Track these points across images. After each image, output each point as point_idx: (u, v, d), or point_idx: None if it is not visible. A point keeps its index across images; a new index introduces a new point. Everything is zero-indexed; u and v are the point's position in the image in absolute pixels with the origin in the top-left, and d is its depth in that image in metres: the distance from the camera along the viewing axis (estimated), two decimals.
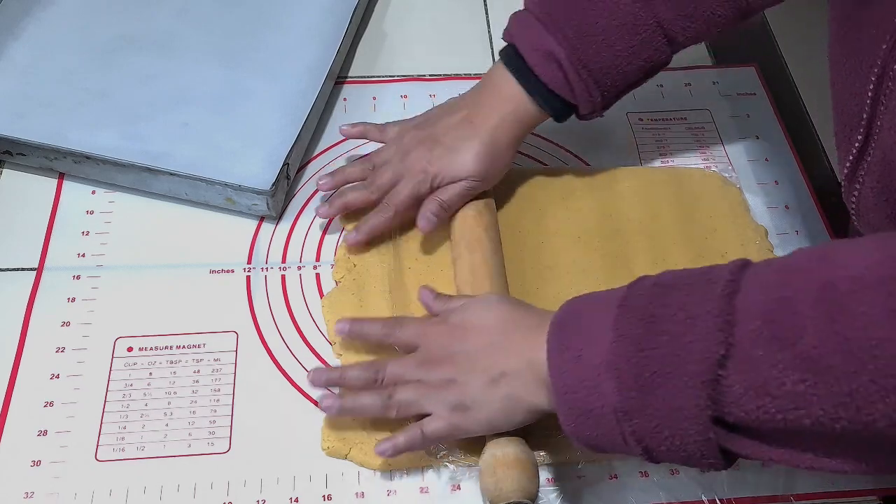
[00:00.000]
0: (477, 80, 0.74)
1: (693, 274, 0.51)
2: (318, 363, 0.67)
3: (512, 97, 0.70)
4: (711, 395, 0.46)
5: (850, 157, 0.57)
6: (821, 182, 0.82)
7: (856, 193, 0.58)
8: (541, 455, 0.62)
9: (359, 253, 0.72)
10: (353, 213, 0.75)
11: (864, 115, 0.55)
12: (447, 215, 0.71)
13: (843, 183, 0.60)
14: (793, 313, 0.45)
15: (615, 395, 0.49)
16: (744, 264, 0.49)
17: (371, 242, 0.72)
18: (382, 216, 0.70)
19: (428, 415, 0.58)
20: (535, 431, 0.61)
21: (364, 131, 0.75)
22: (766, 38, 0.95)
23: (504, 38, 0.71)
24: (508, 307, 0.61)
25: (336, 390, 0.63)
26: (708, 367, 0.46)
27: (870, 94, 0.54)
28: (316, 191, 0.77)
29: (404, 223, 0.72)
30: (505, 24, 0.71)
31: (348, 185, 0.73)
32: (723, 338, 0.46)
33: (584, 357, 0.51)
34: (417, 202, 0.70)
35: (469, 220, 0.71)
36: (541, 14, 0.68)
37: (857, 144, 0.56)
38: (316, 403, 0.64)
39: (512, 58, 0.70)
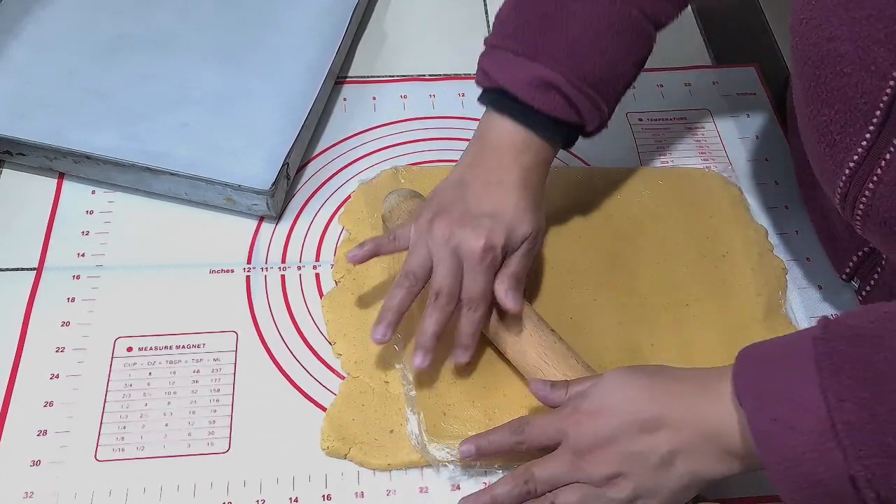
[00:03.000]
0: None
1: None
2: (319, 364, 0.67)
3: (520, 143, 0.64)
4: None
5: (855, 158, 0.57)
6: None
7: (866, 196, 0.58)
8: (540, 454, 0.61)
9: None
10: (351, 213, 0.75)
11: (878, 113, 0.55)
12: (524, 284, 0.65)
13: (841, 185, 0.60)
14: None
15: (850, 462, 0.46)
16: None
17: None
18: (477, 315, 0.62)
19: None
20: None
21: (375, 248, 0.66)
22: (766, 38, 0.95)
23: (482, 84, 0.66)
24: (647, 379, 0.56)
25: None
26: None
27: (888, 91, 0.54)
28: (316, 191, 0.77)
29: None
30: None
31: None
32: None
33: (799, 427, 0.48)
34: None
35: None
36: (517, 47, 0.64)
37: (863, 143, 0.56)
38: (316, 403, 0.64)
39: (501, 101, 0.64)
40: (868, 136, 0.57)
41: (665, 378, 0.56)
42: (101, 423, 0.63)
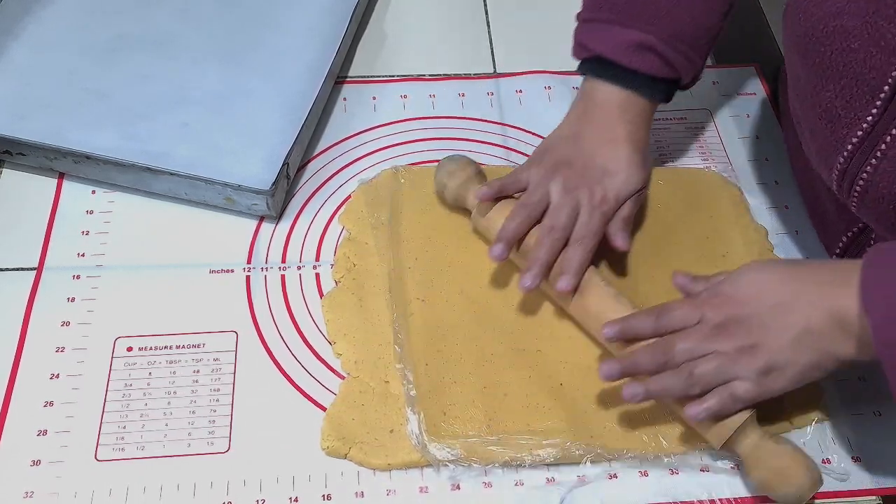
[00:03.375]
0: (476, 80, 0.74)
1: None
2: (319, 364, 0.67)
3: (624, 102, 0.70)
4: None
5: (858, 134, 0.58)
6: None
7: (867, 171, 0.58)
8: (540, 454, 0.62)
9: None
10: (351, 213, 0.75)
11: (885, 89, 0.55)
12: (631, 227, 0.71)
13: (841, 162, 0.60)
14: None
15: None
16: None
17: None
18: (587, 248, 0.67)
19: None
20: (536, 431, 0.61)
21: (501, 187, 0.70)
22: (766, 38, 0.95)
23: (580, 56, 0.72)
24: (784, 266, 0.61)
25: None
26: None
27: None
28: (316, 191, 0.77)
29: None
30: (505, 23, 0.71)
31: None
32: None
33: None
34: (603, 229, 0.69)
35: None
36: (609, 17, 0.70)
37: (869, 118, 0.57)
38: (316, 403, 0.64)
39: (600, 68, 0.70)
40: (874, 111, 0.57)
41: (798, 266, 0.61)
42: (101, 422, 0.63)
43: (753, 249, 0.74)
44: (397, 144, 0.82)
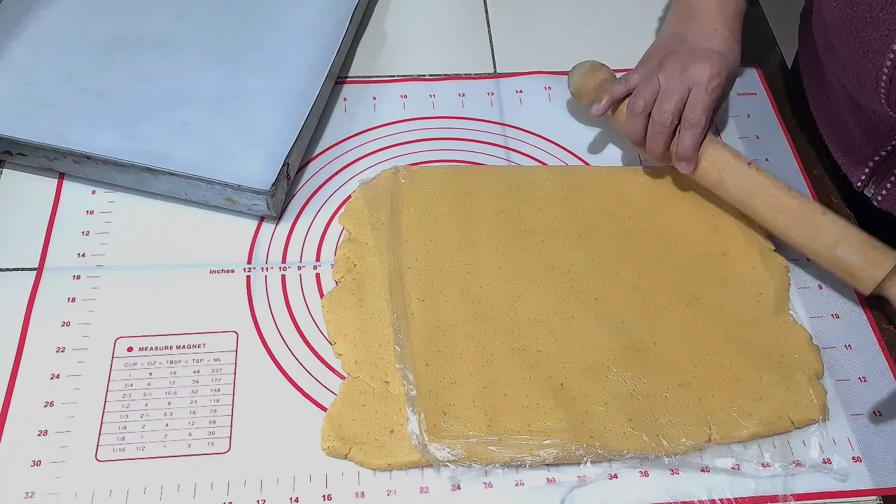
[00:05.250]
0: (476, 80, 0.74)
1: None
2: (320, 364, 0.67)
3: (721, 1, 0.76)
4: None
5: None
6: (821, 182, 0.82)
7: None
8: (540, 455, 0.62)
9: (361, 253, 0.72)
10: (351, 213, 0.75)
11: None
12: (708, 125, 0.74)
13: (891, 58, 0.62)
14: None
15: None
16: None
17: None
18: (698, 131, 0.72)
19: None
20: (537, 429, 0.61)
21: (610, 97, 0.76)
22: (766, 38, 0.95)
23: None
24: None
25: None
26: None
27: None
28: (316, 191, 0.77)
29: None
30: (505, 23, 0.72)
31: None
32: None
33: None
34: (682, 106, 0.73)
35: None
36: None
37: None
38: (316, 403, 0.64)
39: None
40: None
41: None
42: (102, 423, 0.63)
43: (754, 247, 0.74)
44: (397, 144, 0.82)
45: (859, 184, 0.75)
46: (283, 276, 0.72)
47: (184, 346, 0.67)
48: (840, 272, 0.68)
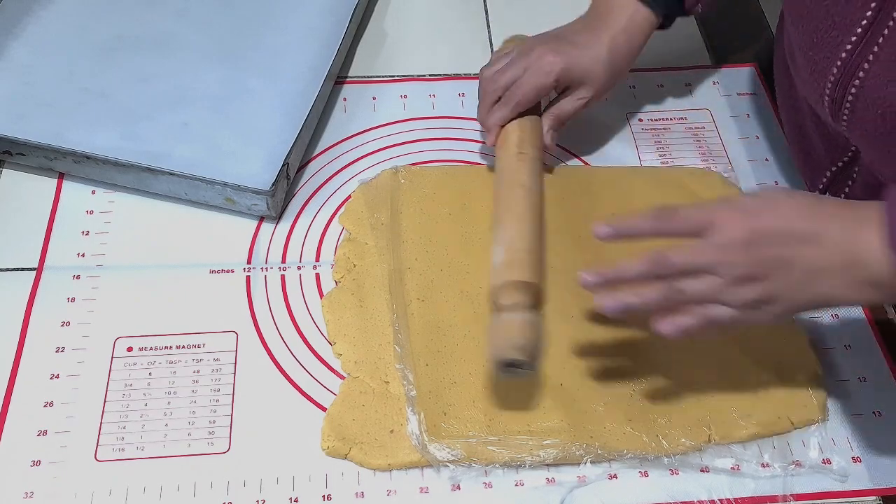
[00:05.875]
0: (476, 80, 0.74)
1: None
2: (319, 364, 0.67)
3: (625, 7, 0.74)
4: None
5: (853, 40, 0.61)
6: None
7: (859, 77, 0.60)
8: (540, 455, 0.62)
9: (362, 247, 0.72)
10: (351, 213, 0.75)
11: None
12: (564, 128, 0.75)
13: (833, 73, 0.62)
14: None
15: None
16: None
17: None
18: (507, 107, 0.73)
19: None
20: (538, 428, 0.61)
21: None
22: (766, 38, 0.95)
23: None
24: (810, 197, 0.55)
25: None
26: None
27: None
28: (316, 191, 0.77)
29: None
30: (505, 23, 0.72)
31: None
32: None
33: None
34: (538, 97, 0.74)
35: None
36: None
37: (863, 22, 0.59)
38: (316, 403, 0.64)
39: None
40: (868, 13, 0.59)
41: (826, 201, 0.55)
42: (101, 423, 0.63)
43: None
44: (397, 144, 0.82)
45: (817, 192, 0.74)
46: (283, 276, 0.72)
47: (183, 346, 0.67)
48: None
